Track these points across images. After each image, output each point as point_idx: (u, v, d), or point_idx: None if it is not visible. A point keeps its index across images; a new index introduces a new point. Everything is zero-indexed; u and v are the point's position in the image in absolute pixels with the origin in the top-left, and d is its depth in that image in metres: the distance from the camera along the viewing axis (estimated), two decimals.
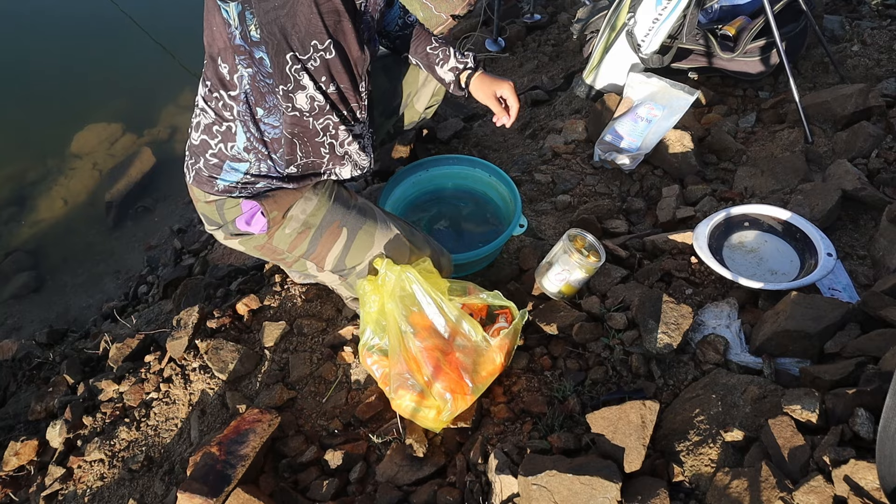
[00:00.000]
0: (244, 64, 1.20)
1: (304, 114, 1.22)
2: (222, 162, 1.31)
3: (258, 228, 1.36)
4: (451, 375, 1.30)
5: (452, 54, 1.62)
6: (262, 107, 1.25)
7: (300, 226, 1.37)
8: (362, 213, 1.42)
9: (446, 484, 1.29)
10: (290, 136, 1.26)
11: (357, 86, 1.23)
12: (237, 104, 1.26)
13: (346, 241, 1.39)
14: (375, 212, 1.45)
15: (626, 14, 2.13)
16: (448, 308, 1.32)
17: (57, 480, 1.55)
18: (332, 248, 1.40)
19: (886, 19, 2.44)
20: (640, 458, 1.13)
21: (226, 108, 1.27)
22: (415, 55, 1.65)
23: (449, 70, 1.62)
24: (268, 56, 1.16)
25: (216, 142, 1.30)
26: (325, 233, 1.38)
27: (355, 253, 1.41)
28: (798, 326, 1.26)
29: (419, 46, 1.63)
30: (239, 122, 1.27)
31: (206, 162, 1.32)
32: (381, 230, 1.41)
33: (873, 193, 1.66)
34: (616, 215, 1.88)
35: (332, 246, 1.40)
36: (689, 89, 2.04)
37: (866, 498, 0.93)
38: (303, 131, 1.25)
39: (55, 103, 4.21)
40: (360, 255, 1.41)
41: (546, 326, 1.48)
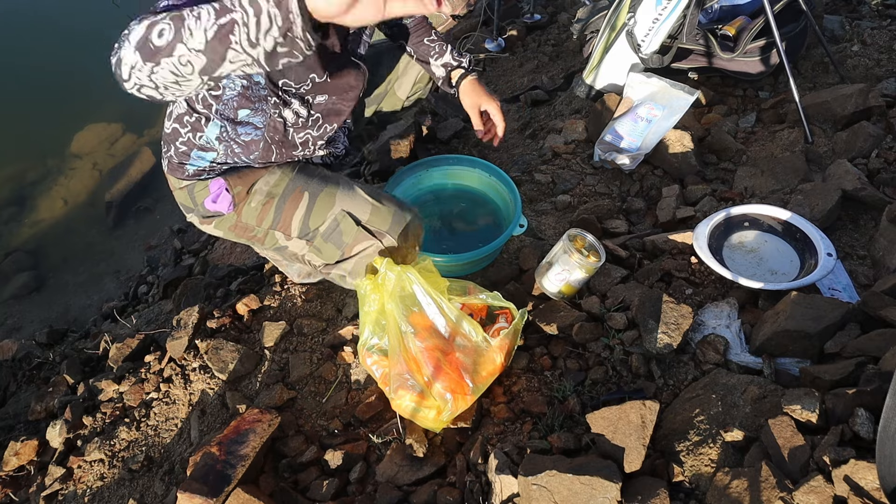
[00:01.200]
0: (239, 75, 1.23)
1: (288, 124, 1.34)
2: (190, 150, 1.35)
3: (225, 206, 1.39)
4: (452, 375, 1.30)
5: (449, 51, 1.64)
6: (250, 108, 1.29)
7: (264, 197, 1.40)
8: (325, 178, 1.43)
9: (446, 484, 1.28)
10: (269, 140, 1.33)
11: (349, 101, 1.33)
12: (217, 103, 1.28)
13: (308, 203, 1.40)
14: (340, 178, 1.45)
15: (626, 14, 2.13)
16: (448, 308, 1.32)
17: (57, 480, 1.55)
18: (295, 213, 1.40)
19: (886, 19, 2.44)
20: (640, 458, 1.13)
21: (200, 103, 1.29)
22: (412, 45, 1.65)
23: (442, 65, 1.64)
24: (264, 79, 1.24)
25: (186, 131, 1.33)
26: (288, 199, 1.40)
27: (318, 213, 1.40)
28: (798, 326, 1.27)
29: (418, 37, 1.64)
30: (215, 116, 1.29)
31: (177, 150, 1.36)
32: (343, 190, 1.41)
33: (873, 193, 1.66)
34: (616, 215, 1.88)
35: (295, 210, 1.40)
36: (689, 89, 2.04)
37: (866, 498, 0.93)
38: (281, 139, 1.35)
39: (55, 103, 4.21)
40: (323, 214, 1.40)
41: (546, 326, 1.48)
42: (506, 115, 2.59)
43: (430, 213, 1.93)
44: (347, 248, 1.41)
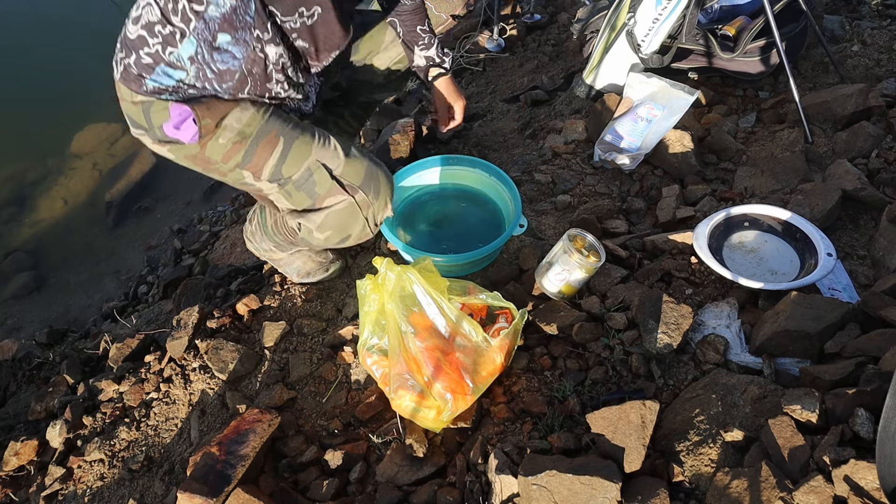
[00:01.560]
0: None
1: (268, 62, 1.29)
2: (156, 64, 1.24)
3: (188, 137, 1.30)
4: (452, 375, 1.30)
5: (435, 45, 1.67)
6: (231, 35, 1.23)
7: (235, 135, 1.33)
8: (299, 125, 1.40)
9: (446, 484, 1.29)
10: (245, 72, 1.27)
11: (327, 55, 1.32)
12: (197, 20, 1.20)
13: (283, 150, 1.36)
14: (313, 127, 1.42)
15: (626, 14, 2.13)
16: (448, 308, 1.32)
17: (57, 480, 1.55)
18: (269, 158, 1.36)
19: (886, 19, 2.44)
20: (640, 458, 1.13)
21: (178, 14, 1.20)
22: (403, 26, 1.65)
23: (424, 57, 1.67)
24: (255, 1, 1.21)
25: (155, 42, 1.23)
26: (261, 142, 1.35)
27: (292, 161, 1.37)
28: (798, 326, 1.27)
29: (411, 21, 1.64)
30: (192, 34, 1.21)
31: (139, 60, 1.25)
32: (318, 140, 1.39)
33: (873, 193, 1.66)
34: (616, 215, 1.88)
35: (268, 155, 1.36)
36: (689, 89, 2.04)
37: (866, 498, 0.93)
38: (260, 74, 1.29)
39: (55, 103, 4.21)
40: (298, 163, 1.38)
41: (546, 326, 1.48)
42: (506, 115, 2.60)
43: (430, 213, 1.93)
44: (319, 200, 1.40)
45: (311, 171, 1.38)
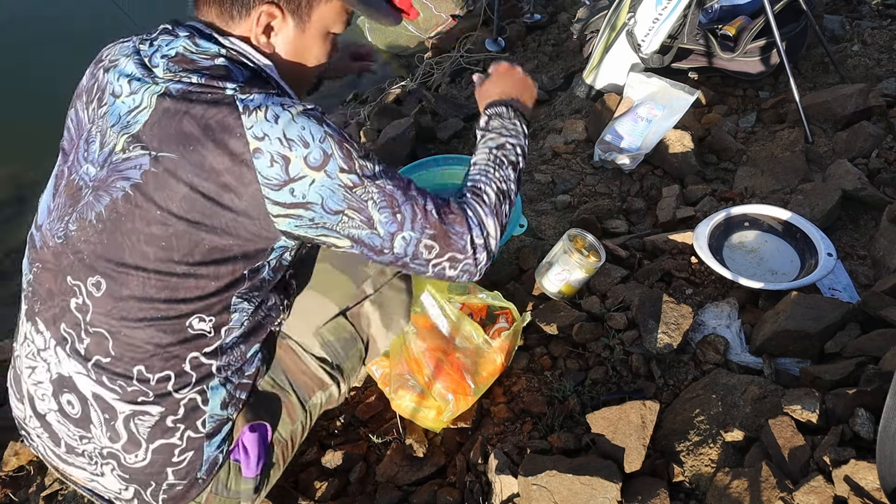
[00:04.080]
0: (249, 297, 0.94)
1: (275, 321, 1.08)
2: (199, 457, 0.97)
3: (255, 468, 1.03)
4: (453, 376, 1.30)
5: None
6: (259, 340, 1.01)
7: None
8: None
9: (446, 484, 1.28)
10: (264, 356, 1.08)
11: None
12: (218, 358, 0.94)
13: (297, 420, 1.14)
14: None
15: (626, 14, 2.13)
16: (449, 309, 1.32)
17: (57, 480, 1.55)
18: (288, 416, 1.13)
19: (886, 19, 2.44)
20: (640, 458, 1.13)
21: (194, 372, 0.92)
22: None
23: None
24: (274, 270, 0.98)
25: (179, 437, 0.94)
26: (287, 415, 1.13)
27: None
28: (798, 326, 1.26)
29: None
30: (217, 377, 0.95)
31: (177, 474, 0.96)
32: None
33: (873, 193, 1.66)
34: (616, 215, 1.87)
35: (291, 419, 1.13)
36: (689, 89, 2.03)
37: (866, 498, 0.93)
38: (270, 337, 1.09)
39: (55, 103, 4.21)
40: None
41: (546, 326, 1.48)
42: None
43: None
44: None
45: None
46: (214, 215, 0.83)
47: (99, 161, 0.88)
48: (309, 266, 1.17)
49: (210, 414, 0.96)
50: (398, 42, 3.56)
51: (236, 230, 0.85)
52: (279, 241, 0.89)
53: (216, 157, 0.81)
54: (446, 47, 3.26)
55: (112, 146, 0.86)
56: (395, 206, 0.89)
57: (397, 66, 3.54)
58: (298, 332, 1.13)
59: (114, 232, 0.85)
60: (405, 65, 3.47)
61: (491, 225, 0.98)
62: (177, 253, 0.85)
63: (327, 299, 1.14)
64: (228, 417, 0.99)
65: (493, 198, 1.00)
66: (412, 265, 0.95)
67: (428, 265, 0.95)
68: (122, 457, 0.93)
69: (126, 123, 0.86)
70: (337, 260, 1.15)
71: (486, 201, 0.99)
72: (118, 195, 0.85)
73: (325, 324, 1.14)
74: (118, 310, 0.87)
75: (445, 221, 0.93)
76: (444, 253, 0.94)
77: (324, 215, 0.86)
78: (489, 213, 0.99)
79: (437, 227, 0.92)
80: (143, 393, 0.90)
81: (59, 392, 0.93)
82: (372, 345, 1.21)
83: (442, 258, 0.94)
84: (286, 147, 0.82)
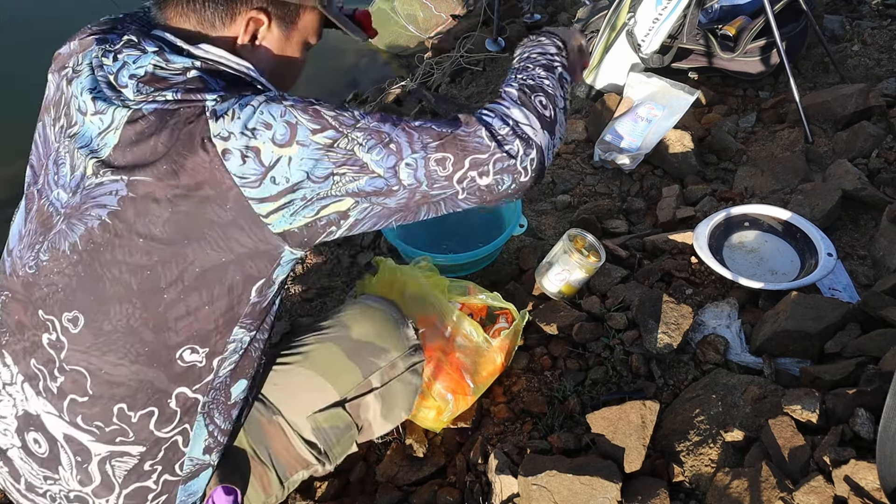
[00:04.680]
0: (247, 325, 0.88)
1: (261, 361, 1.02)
2: (173, 497, 0.92)
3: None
4: (453, 376, 1.30)
5: None
6: (245, 376, 0.94)
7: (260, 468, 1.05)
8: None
9: (446, 484, 1.28)
10: (250, 400, 1.01)
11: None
12: (205, 394, 0.88)
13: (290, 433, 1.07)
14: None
15: (626, 14, 2.13)
16: (449, 308, 1.32)
17: None
18: (284, 444, 1.07)
19: (887, 19, 2.43)
20: (640, 458, 1.13)
21: (180, 409, 0.87)
22: None
23: None
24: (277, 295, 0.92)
25: (155, 479, 0.89)
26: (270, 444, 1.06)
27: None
28: (798, 326, 1.26)
29: None
30: (201, 416, 0.90)
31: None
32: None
33: (873, 193, 1.66)
34: (616, 215, 1.87)
35: (283, 443, 1.07)
36: (689, 89, 2.03)
37: (867, 498, 0.93)
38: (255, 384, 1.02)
39: None
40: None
41: (546, 326, 1.48)
42: None
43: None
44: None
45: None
46: (202, 234, 0.78)
47: (71, 186, 0.82)
48: (316, 341, 1.10)
49: (189, 456, 0.90)
50: (398, 42, 3.55)
51: (228, 245, 0.80)
52: (283, 253, 0.83)
53: (191, 171, 0.77)
54: (446, 47, 3.26)
55: (83, 170, 0.81)
56: (385, 138, 0.80)
57: (397, 66, 3.53)
58: (291, 411, 1.05)
59: (91, 263, 0.80)
60: (405, 65, 3.47)
61: (517, 113, 0.87)
62: (164, 280, 0.80)
63: (329, 385, 1.06)
64: (209, 464, 0.94)
65: (514, 93, 0.90)
66: (437, 196, 0.84)
67: (453, 184, 0.83)
68: (90, 501, 0.88)
69: (96, 147, 0.80)
70: (350, 347, 1.08)
71: (504, 97, 0.90)
72: (94, 224, 0.79)
73: (322, 410, 1.06)
74: (98, 346, 0.81)
75: (452, 128, 0.83)
76: (462, 159, 0.81)
77: (313, 187, 0.78)
78: (511, 104, 0.88)
79: (442, 134, 0.82)
80: (122, 432, 0.84)
81: (24, 429, 0.87)
82: (366, 429, 1.14)
83: (463, 167, 0.82)
84: (251, 137, 0.76)
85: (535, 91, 0.91)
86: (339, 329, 1.10)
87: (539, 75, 0.94)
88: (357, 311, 1.14)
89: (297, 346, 1.10)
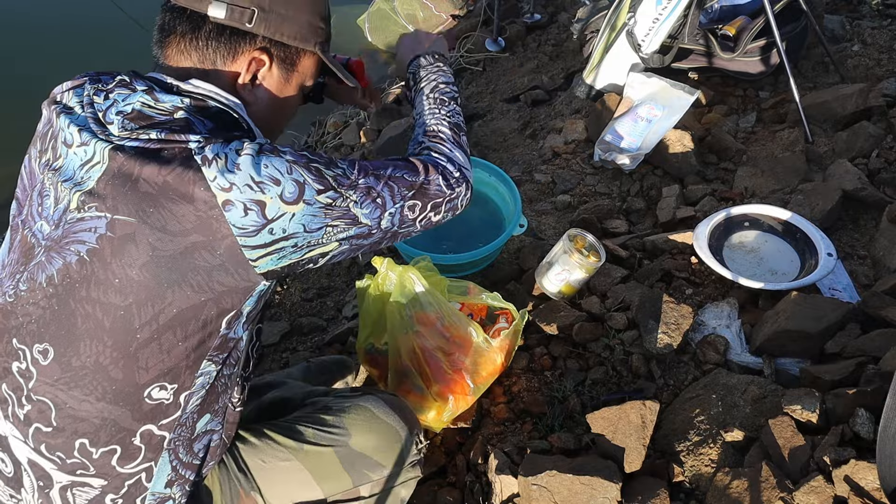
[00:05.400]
0: (215, 358, 0.87)
1: (234, 405, 1.01)
2: None
3: None
4: (452, 376, 1.30)
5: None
6: (210, 412, 0.92)
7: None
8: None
9: (446, 484, 1.28)
10: (224, 439, 1.01)
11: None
12: (171, 431, 0.88)
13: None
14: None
15: (626, 14, 2.13)
16: (449, 308, 1.32)
17: None
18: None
19: (887, 19, 2.43)
20: (640, 458, 1.13)
21: (145, 446, 0.86)
22: None
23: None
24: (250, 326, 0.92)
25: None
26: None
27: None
28: (798, 326, 1.26)
29: None
30: (166, 452, 0.89)
31: None
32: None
33: (873, 193, 1.66)
34: (616, 215, 1.87)
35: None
36: (689, 89, 2.03)
37: (867, 498, 0.93)
38: (230, 426, 1.01)
39: None
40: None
41: (546, 326, 1.48)
42: (506, 115, 2.60)
43: None
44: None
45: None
46: (182, 278, 0.78)
47: (54, 219, 0.82)
48: (313, 436, 1.08)
49: (152, 491, 0.89)
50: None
51: (210, 286, 0.80)
52: (259, 286, 0.84)
53: (181, 217, 0.76)
54: None
55: (66, 203, 0.81)
56: (374, 194, 0.88)
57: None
58: (271, 494, 1.04)
59: (66, 298, 0.80)
60: None
61: (459, 156, 1.02)
62: (138, 320, 0.79)
63: (317, 485, 1.06)
64: (170, 496, 0.92)
65: (448, 133, 1.04)
66: (401, 232, 0.95)
67: (415, 223, 0.96)
68: None
69: (80, 179, 0.80)
70: (346, 457, 1.07)
71: (444, 138, 1.03)
72: (72, 259, 0.79)
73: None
74: (65, 380, 0.81)
75: (419, 177, 0.94)
76: (426, 204, 0.95)
77: (306, 237, 0.82)
78: (452, 146, 1.02)
79: (413, 186, 0.93)
80: (83, 465, 0.84)
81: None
82: None
83: (426, 210, 0.96)
84: (258, 191, 0.77)
85: (460, 130, 1.07)
86: (340, 434, 1.08)
87: (456, 111, 1.09)
88: (363, 419, 1.11)
89: (294, 428, 1.08)
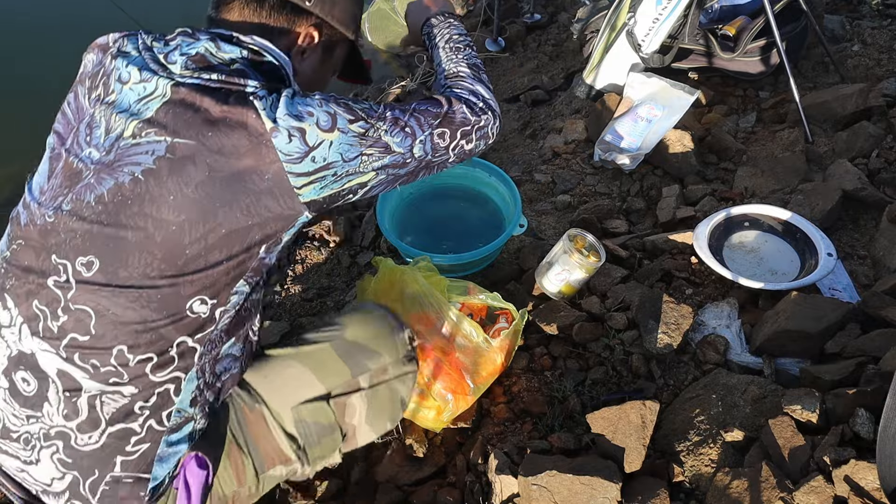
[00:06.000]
0: (250, 279, 0.93)
1: (255, 335, 1.04)
2: (154, 450, 0.91)
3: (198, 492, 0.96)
4: (452, 376, 1.30)
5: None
6: (235, 335, 0.97)
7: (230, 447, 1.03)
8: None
9: (446, 484, 1.28)
10: (242, 368, 1.04)
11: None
12: (202, 344, 0.92)
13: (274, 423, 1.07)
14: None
15: (627, 14, 2.13)
16: (449, 308, 1.32)
17: None
18: (267, 435, 1.06)
19: (887, 19, 2.43)
20: (640, 458, 1.13)
21: (165, 366, 0.89)
22: None
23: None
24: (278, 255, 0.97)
25: (141, 423, 0.89)
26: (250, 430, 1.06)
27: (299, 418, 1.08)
28: (798, 326, 1.26)
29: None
30: (195, 368, 0.92)
31: (125, 466, 0.89)
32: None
33: (873, 193, 1.66)
34: (616, 215, 1.87)
35: (265, 433, 1.06)
36: (689, 89, 2.03)
37: (866, 498, 0.93)
38: (249, 357, 1.05)
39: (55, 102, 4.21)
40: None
41: (546, 326, 1.48)
42: (506, 115, 2.59)
43: (430, 213, 1.93)
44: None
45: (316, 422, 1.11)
46: (234, 199, 0.84)
47: (105, 146, 0.87)
48: (310, 338, 1.13)
49: (178, 407, 0.92)
50: (398, 42, 3.56)
51: (257, 211, 0.86)
52: (301, 216, 0.91)
53: (236, 141, 0.83)
54: None
55: (119, 132, 0.86)
56: (402, 124, 0.95)
57: (397, 66, 3.53)
58: (275, 400, 1.06)
59: (116, 214, 0.84)
60: (405, 65, 3.47)
61: (480, 89, 1.08)
62: (188, 237, 0.84)
63: (316, 378, 1.08)
64: (193, 417, 0.94)
65: (467, 71, 1.11)
66: (436, 161, 1.01)
67: (448, 151, 1.02)
68: (73, 437, 0.88)
69: (136, 111, 0.86)
70: (342, 348, 1.11)
71: (463, 76, 1.10)
72: (125, 179, 0.84)
73: (306, 402, 1.07)
74: (110, 290, 0.85)
75: (442, 108, 1.01)
76: (454, 132, 1.01)
77: (345, 165, 0.90)
78: (473, 81, 1.09)
79: (438, 115, 1.00)
80: (117, 374, 0.87)
81: (13, 369, 0.89)
82: (351, 436, 1.14)
83: (456, 138, 1.02)
84: (297, 120, 0.85)
85: (479, 69, 1.13)
86: (334, 330, 1.14)
87: (472, 55, 1.16)
88: (354, 315, 1.19)
89: (291, 341, 1.15)
